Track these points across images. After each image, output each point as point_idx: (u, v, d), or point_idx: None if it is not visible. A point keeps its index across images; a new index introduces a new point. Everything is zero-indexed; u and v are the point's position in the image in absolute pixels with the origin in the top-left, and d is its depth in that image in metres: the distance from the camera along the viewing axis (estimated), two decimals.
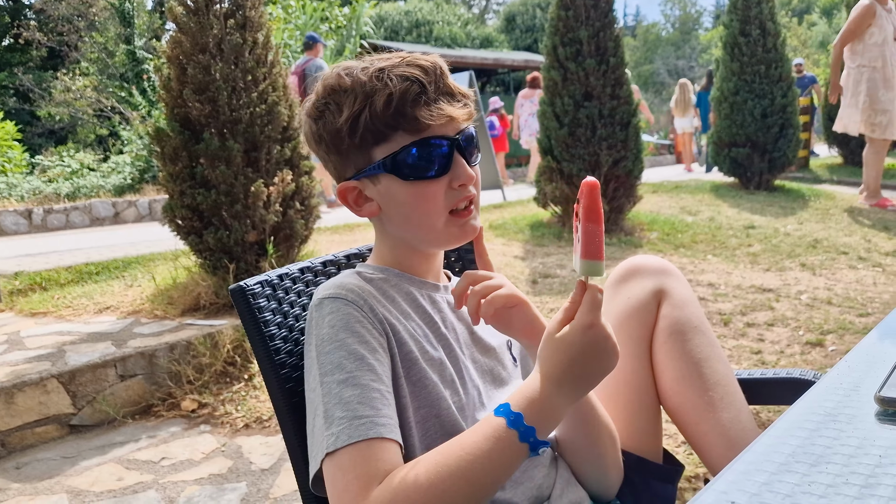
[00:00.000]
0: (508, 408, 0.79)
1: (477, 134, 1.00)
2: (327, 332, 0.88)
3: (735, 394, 1.12)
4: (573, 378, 0.80)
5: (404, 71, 0.91)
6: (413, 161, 0.92)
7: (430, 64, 0.94)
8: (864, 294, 3.92)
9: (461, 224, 0.96)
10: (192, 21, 3.35)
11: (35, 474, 2.46)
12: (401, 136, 0.92)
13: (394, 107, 0.90)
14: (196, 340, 3.11)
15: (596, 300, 0.80)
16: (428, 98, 0.91)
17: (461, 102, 0.95)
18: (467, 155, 0.95)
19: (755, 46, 7.40)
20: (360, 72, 0.93)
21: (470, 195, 0.96)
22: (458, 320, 1.04)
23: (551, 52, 5.56)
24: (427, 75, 0.92)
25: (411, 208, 0.95)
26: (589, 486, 1.05)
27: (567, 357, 0.79)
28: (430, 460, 0.77)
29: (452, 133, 0.94)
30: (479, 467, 0.76)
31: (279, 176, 3.46)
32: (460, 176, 0.93)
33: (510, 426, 0.77)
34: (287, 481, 2.28)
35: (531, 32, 31.18)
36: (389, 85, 0.90)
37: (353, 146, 0.94)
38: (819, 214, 6.53)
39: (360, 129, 0.91)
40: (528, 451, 0.78)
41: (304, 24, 12.45)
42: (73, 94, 16.04)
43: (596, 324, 0.79)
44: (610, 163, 5.38)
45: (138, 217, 9.76)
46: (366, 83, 0.91)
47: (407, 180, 0.93)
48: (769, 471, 0.56)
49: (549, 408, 0.79)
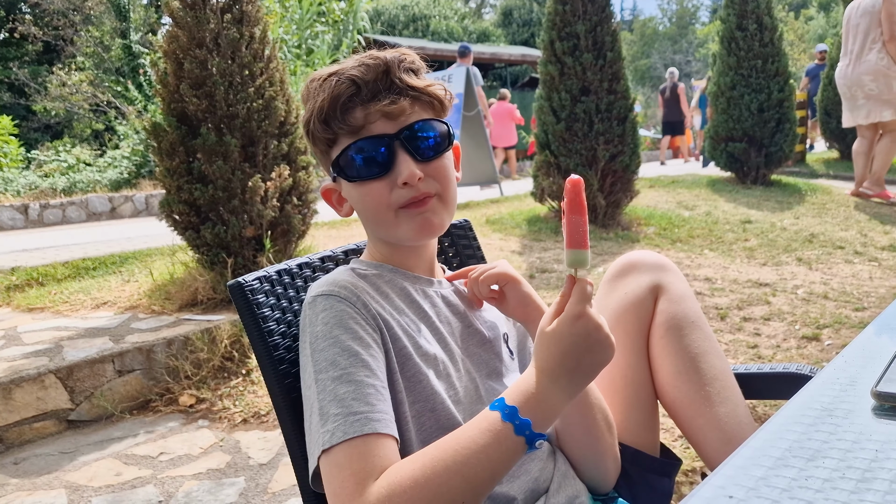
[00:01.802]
0: (503, 402, 0.79)
1: (449, 126, 0.99)
2: (321, 329, 0.88)
3: (732, 388, 1.12)
4: (568, 371, 0.80)
5: (348, 73, 0.93)
6: (350, 162, 0.94)
7: (376, 62, 0.93)
8: (860, 288, 3.93)
9: (413, 216, 0.95)
10: (188, 16, 3.34)
11: (33, 470, 2.46)
12: (343, 139, 0.95)
13: (326, 112, 0.93)
14: (194, 335, 3.11)
15: (584, 292, 0.80)
16: (362, 98, 0.92)
17: (400, 98, 0.93)
18: (417, 150, 0.94)
19: (752, 41, 7.40)
20: (318, 79, 0.96)
21: (418, 193, 0.94)
22: (452, 314, 1.04)
23: (548, 47, 5.56)
24: (367, 74, 0.92)
25: (362, 208, 0.99)
26: (587, 477, 1.05)
27: (559, 350, 0.80)
28: (426, 455, 0.77)
29: (393, 130, 0.93)
30: (476, 462, 0.76)
31: (276, 171, 3.46)
32: (402, 173, 0.92)
33: (505, 420, 0.77)
34: (285, 476, 2.29)
35: (528, 27, 31.12)
36: (326, 90, 0.93)
37: (318, 151, 0.99)
38: (815, 209, 6.55)
39: (311, 135, 0.97)
40: (525, 444, 0.78)
41: (301, 18, 12.40)
42: (68, 88, 15.97)
43: (584, 314, 0.80)
44: (607, 157, 5.38)
45: (135, 212, 9.75)
46: (315, 90, 0.95)
47: (352, 181, 0.96)
48: (766, 465, 0.56)
49: (544, 402, 0.79)
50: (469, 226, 1.36)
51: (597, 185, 5.36)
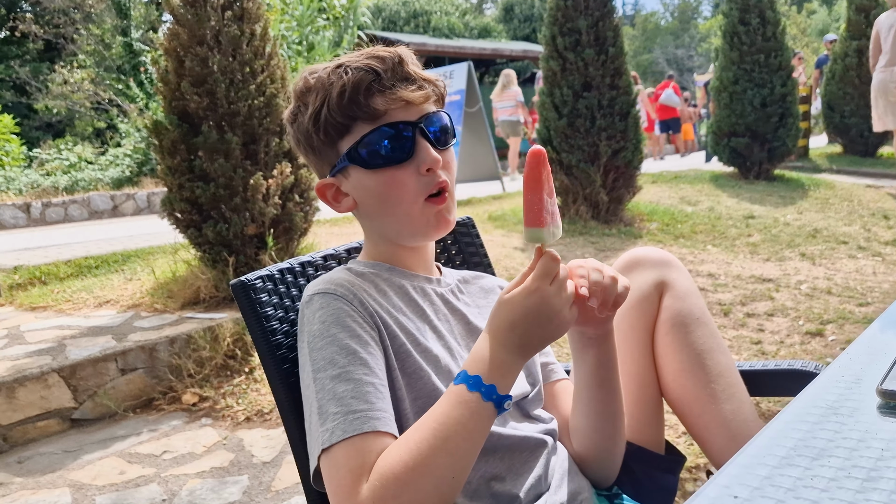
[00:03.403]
0: (465, 374, 0.82)
1: (451, 120, 1.01)
2: (318, 328, 0.88)
3: (737, 385, 1.12)
4: (515, 339, 0.82)
5: (361, 63, 0.93)
6: (373, 149, 0.93)
7: (388, 54, 0.95)
8: (863, 283, 3.92)
9: (437, 212, 0.97)
10: (189, 13, 3.33)
11: (37, 468, 2.47)
12: (360, 126, 0.94)
13: (347, 97, 0.92)
14: (196, 334, 3.11)
15: (546, 267, 0.82)
16: (383, 85, 0.93)
17: (421, 86, 0.95)
18: (434, 139, 0.95)
19: (755, 35, 7.37)
20: (322, 71, 0.96)
21: (440, 180, 0.96)
22: (451, 312, 1.04)
23: (550, 42, 5.54)
24: (384, 63, 0.93)
25: (383, 197, 0.97)
26: (595, 470, 1.05)
27: (509, 319, 0.82)
28: (408, 440, 0.79)
29: (415, 117, 0.94)
30: (455, 435, 0.78)
31: (278, 168, 3.45)
32: (426, 160, 0.93)
33: (471, 389, 0.80)
34: (288, 474, 2.29)
35: (529, 22, 31.02)
36: (344, 77, 0.92)
37: (322, 143, 0.97)
38: (819, 204, 6.53)
39: (321, 123, 0.94)
40: (495, 409, 0.80)
41: (302, 15, 12.38)
42: (70, 86, 15.96)
43: (540, 289, 0.81)
44: (609, 153, 5.37)
45: (137, 210, 9.75)
46: (325, 80, 0.94)
47: (372, 169, 0.95)
48: (771, 464, 0.56)
49: (499, 364, 0.82)
50: (472, 223, 1.35)
51: (599, 181, 5.35)
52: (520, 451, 0.96)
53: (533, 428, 1.00)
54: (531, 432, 0.98)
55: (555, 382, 1.11)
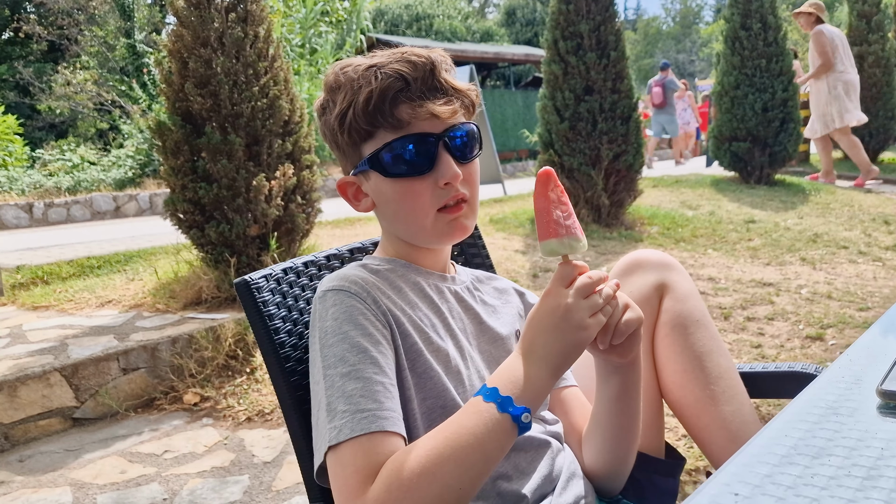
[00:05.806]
0: (484, 386, 0.82)
1: (479, 130, 1.00)
2: (330, 325, 0.88)
3: (737, 387, 1.12)
4: (535, 348, 0.82)
5: (393, 67, 0.91)
6: (394, 158, 0.93)
7: (421, 60, 0.93)
8: (864, 288, 3.93)
9: (449, 221, 0.96)
10: (193, 15, 3.34)
11: (38, 467, 2.47)
12: (383, 134, 0.93)
13: (373, 104, 0.91)
14: (198, 334, 3.12)
15: (561, 273, 0.83)
16: (411, 95, 0.91)
17: (449, 99, 0.94)
18: (458, 152, 0.94)
19: (756, 40, 7.38)
20: (353, 69, 0.94)
21: (458, 194, 0.95)
22: (464, 311, 1.04)
23: (552, 46, 5.55)
24: (415, 71, 0.92)
25: (398, 206, 0.97)
26: (604, 479, 1.04)
27: (527, 330, 0.84)
28: (419, 446, 0.78)
29: (439, 130, 0.93)
30: (466, 445, 0.76)
31: (280, 170, 3.46)
32: (445, 174, 0.93)
33: (487, 400, 0.79)
34: (290, 474, 2.29)
35: (532, 26, 31.06)
36: (373, 82, 0.91)
37: (346, 143, 0.97)
38: (819, 209, 6.53)
39: (346, 126, 0.94)
40: (512, 422, 0.78)
41: (305, 17, 12.40)
42: (73, 87, 16.00)
43: (552, 291, 0.83)
44: (610, 157, 5.37)
45: (139, 211, 9.77)
46: (354, 80, 0.93)
47: (391, 178, 0.94)
48: (771, 463, 0.56)
49: (519, 376, 0.81)
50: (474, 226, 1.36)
51: (601, 185, 5.35)
52: (524, 451, 0.96)
53: (537, 428, 1.00)
54: (535, 432, 0.98)
55: (562, 389, 1.11)
